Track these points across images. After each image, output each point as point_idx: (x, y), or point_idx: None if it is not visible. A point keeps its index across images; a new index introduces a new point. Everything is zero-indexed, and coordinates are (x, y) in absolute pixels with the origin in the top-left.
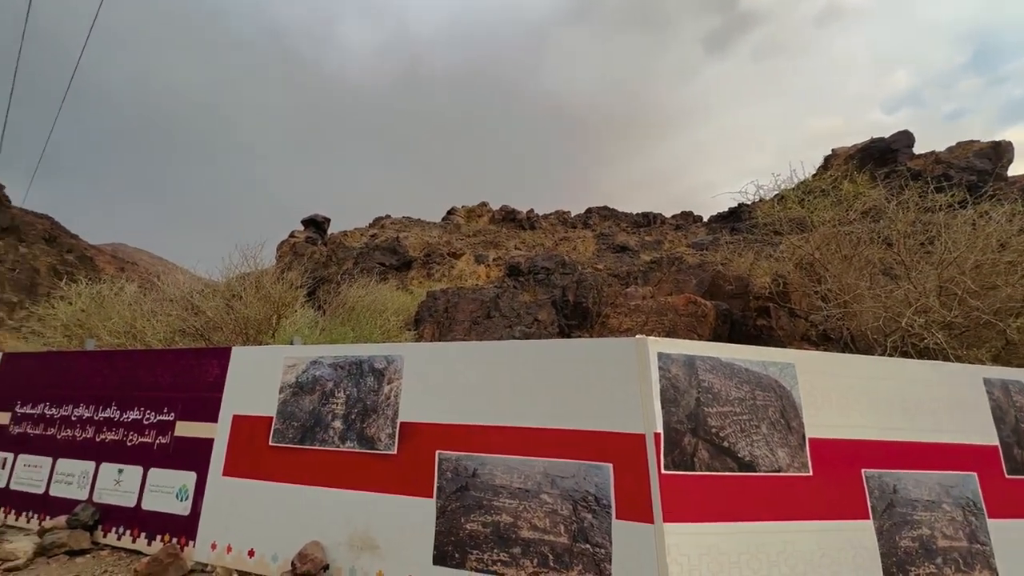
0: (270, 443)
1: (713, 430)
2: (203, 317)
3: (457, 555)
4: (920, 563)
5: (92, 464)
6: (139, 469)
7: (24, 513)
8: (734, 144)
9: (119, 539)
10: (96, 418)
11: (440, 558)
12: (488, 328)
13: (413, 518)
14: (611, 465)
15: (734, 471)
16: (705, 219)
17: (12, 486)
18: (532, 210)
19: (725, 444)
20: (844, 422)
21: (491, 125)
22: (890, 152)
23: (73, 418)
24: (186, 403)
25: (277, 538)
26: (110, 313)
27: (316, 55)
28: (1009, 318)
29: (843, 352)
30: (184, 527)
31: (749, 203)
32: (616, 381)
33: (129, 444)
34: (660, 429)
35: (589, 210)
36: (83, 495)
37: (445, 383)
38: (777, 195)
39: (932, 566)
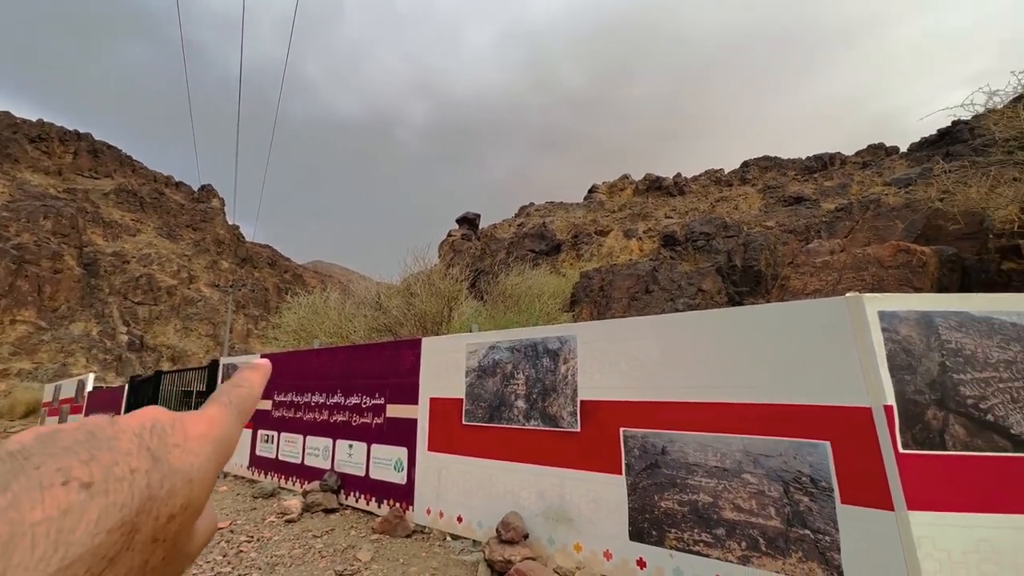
0: (463, 422)
1: (970, 401)
2: (389, 315)
3: (655, 532)
4: None
5: (330, 440)
6: (363, 445)
7: (290, 478)
8: (935, 51)
9: (356, 501)
10: (328, 403)
11: (637, 534)
12: (647, 303)
13: (604, 494)
14: (828, 443)
15: (1007, 451)
16: (904, 149)
17: (280, 457)
18: (679, 174)
19: (989, 418)
20: None
21: (621, 92)
22: None
23: (312, 403)
24: (392, 389)
25: (480, 507)
26: (323, 318)
27: (444, 63)
28: None
29: None
30: (403, 494)
31: (968, 118)
32: (826, 348)
33: (354, 424)
34: (892, 401)
35: (746, 163)
36: (327, 465)
37: (622, 360)
38: (1020, 98)
39: None
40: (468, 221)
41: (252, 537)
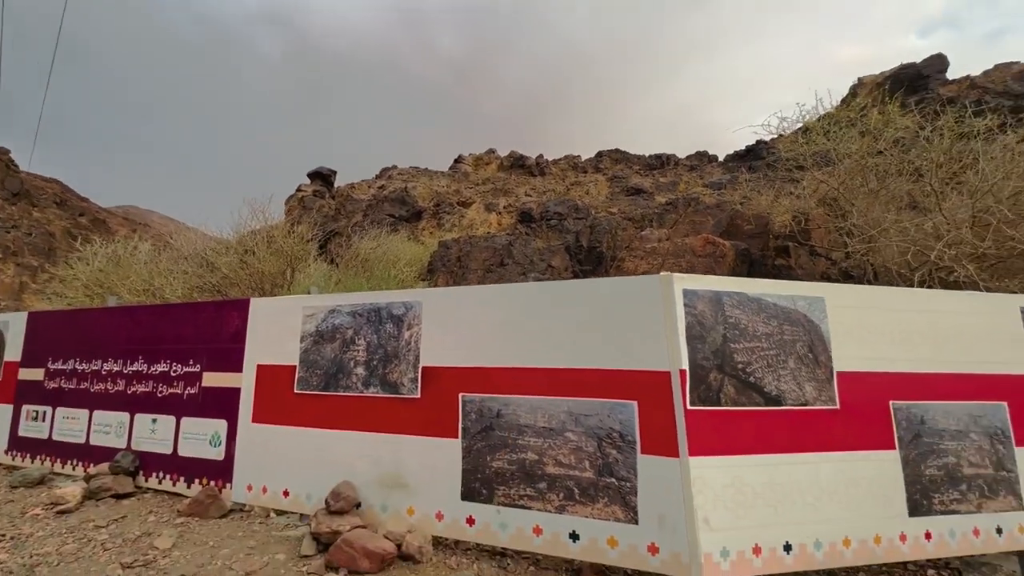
0: (295, 391)
1: (739, 366)
2: (219, 273)
3: (484, 491)
4: (944, 490)
5: (127, 415)
6: (172, 419)
7: (68, 461)
8: (750, 79)
9: (160, 483)
10: (125, 371)
11: (468, 494)
12: (502, 276)
13: (440, 458)
14: (636, 403)
15: (760, 406)
16: (721, 158)
17: (54, 437)
18: (541, 155)
19: (751, 380)
20: (873, 355)
21: (494, 67)
22: (921, 78)
23: (104, 372)
24: (211, 355)
25: (310, 479)
26: (128, 272)
27: None
28: None
29: None
30: (220, 471)
31: (768, 139)
32: (640, 319)
33: (160, 395)
34: (686, 366)
35: (600, 153)
36: (122, 443)
37: (465, 327)
38: (801, 128)
39: (956, 492)
40: (322, 177)
41: (3, 535)
